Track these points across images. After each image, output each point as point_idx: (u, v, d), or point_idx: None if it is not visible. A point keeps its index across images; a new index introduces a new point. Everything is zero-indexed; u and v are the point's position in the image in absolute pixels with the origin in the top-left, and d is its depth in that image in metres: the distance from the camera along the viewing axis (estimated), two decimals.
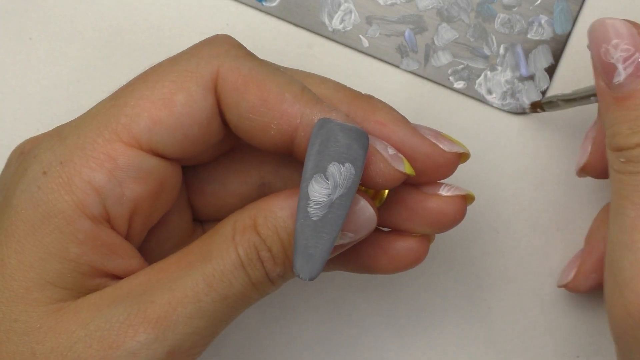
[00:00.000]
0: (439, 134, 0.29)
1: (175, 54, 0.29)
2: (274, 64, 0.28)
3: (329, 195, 0.26)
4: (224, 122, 0.28)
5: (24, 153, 0.28)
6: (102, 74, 0.36)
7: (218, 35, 0.28)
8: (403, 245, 0.29)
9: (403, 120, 0.29)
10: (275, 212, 0.27)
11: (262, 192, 0.31)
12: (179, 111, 0.27)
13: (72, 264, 0.26)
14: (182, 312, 0.26)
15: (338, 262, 0.30)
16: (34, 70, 0.36)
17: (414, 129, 0.28)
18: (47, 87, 0.36)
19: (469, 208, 0.30)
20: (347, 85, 0.29)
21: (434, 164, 0.29)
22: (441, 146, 0.29)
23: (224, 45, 0.28)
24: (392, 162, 0.27)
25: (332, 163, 0.26)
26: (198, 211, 0.31)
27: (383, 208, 0.29)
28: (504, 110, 0.37)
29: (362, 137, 0.26)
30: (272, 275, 0.27)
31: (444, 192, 0.29)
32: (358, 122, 0.28)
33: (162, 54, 0.36)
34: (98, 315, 0.26)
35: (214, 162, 0.30)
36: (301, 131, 0.27)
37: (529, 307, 0.37)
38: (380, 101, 0.29)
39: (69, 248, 0.26)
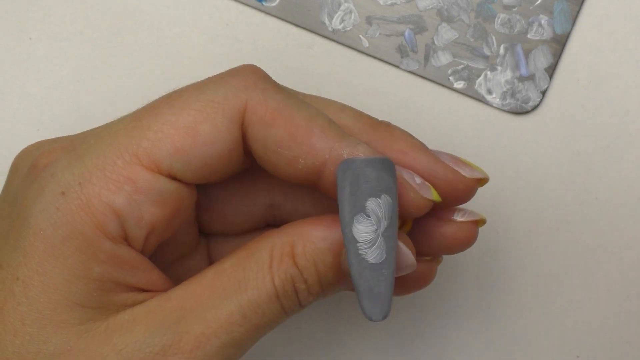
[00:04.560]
0: (458, 160, 0.29)
1: (200, 80, 0.28)
2: (299, 96, 0.28)
3: (376, 230, 0.26)
4: (246, 152, 0.28)
5: (38, 167, 0.27)
6: (102, 74, 0.36)
7: (245, 65, 0.28)
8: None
9: (423, 147, 0.29)
10: (315, 242, 0.27)
11: (271, 213, 0.31)
12: (202, 141, 0.26)
13: (96, 283, 0.26)
14: (215, 342, 0.26)
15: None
16: (34, 70, 0.36)
17: (435, 156, 0.29)
18: (47, 87, 0.36)
19: (469, 206, 0.30)
20: (364, 112, 0.29)
21: (455, 190, 0.29)
22: (462, 172, 0.29)
23: (251, 76, 0.27)
24: (421, 191, 0.27)
25: (369, 199, 0.26)
26: (204, 226, 0.31)
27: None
28: (504, 110, 0.36)
29: (389, 165, 0.26)
30: (304, 303, 0.27)
31: (458, 217, 0.30)
32: (380, 152, 0.28)
33: (162, 54, 0.37)
34: (131, 342, 0.26)
35: (224, 181, 0.30)
36: (330, 166, 0.27)
37: (529, 307, 0.37)
38: (398, 128, 0.29)
39: (92, 268, 0.26)
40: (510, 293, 0.37)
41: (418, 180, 0.27)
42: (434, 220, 0.30)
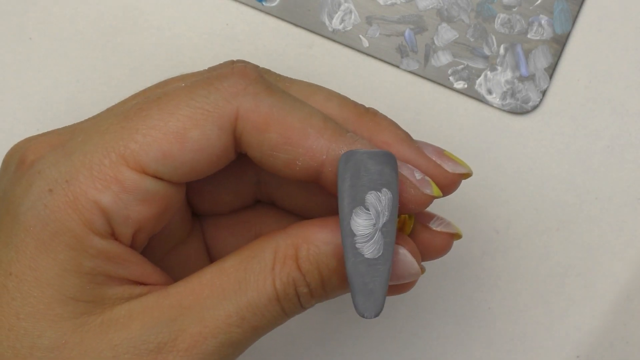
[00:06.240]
0: (442, 154, 0.29)
1: (190, 76, 0.28)
2: (286, 83, 0.28)
3: (374, 225, 0.25)
4: (237, 151, 0.28)
5: (25, 164, 0.27)
6: (102, 74, 0.36)
7: (235, 67, 0.28)
8: None
9: (408, 139, 0.28)
10: (319, 246, 0.26)
11: (259, 189, 0.31)
12: (190, 147, 0.26)
13: (88, 276, 0.26)
14: (212, 342, 0.26)
15: None
16: (34, 70, 0.36)
17: (419, 148, 0.28)
18: (47, 87, 0.36)
19: (469, 206, 0.30)
20: (352, 100, 0.29)
21: (438, 185, 0.28)
22: (445, 167, 0.28)
23: (242, 82, 0.27)
24: (421, 187, 0.27)
25: (369, 192, 0.25)
26: (195, 207, 0.31)
27: None
28: (504, 110, 0.36)
29: (392, 160, 0.26)
30: (306, 306, 0.27)
31: (434, 225, 0.29)
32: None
33: (162, 53, 0.37)
34: (127, 338, 0.26)
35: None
36: (328, 166, 0.26)
37: (529, 307, 0.37)
38: (385, 118, 0.29)
39: (83, 263, 0.26)
40: (510, 293, 0.37)
41: (418, 175, 0.27)
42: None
